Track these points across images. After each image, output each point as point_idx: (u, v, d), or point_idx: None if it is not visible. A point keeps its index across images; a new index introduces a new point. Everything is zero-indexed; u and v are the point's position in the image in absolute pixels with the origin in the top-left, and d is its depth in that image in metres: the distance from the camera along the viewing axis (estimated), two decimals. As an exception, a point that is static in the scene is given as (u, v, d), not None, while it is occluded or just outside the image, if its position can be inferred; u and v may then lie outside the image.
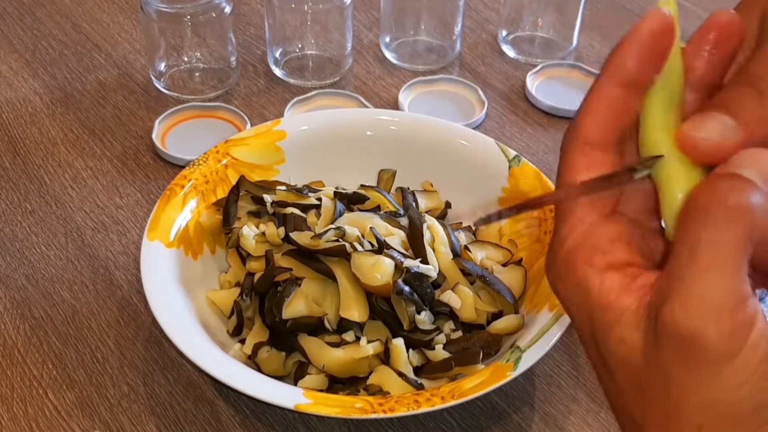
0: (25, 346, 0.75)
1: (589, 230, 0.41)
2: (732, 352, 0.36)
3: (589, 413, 0.72)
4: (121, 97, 1.01)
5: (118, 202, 0.88)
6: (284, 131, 0.83)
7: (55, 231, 0.85)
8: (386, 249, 0.70)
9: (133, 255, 0.83)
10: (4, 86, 1.02)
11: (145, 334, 0.76)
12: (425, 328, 0.69)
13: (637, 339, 0.38)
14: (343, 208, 0.74)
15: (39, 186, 0.90)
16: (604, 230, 0.41)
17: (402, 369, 0.68)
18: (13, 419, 0.70)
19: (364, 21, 1.14)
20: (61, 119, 0.98)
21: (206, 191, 0.78)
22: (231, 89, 1.03)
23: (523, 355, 0.65)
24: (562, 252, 0.41)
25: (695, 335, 0.36)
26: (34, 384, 0.73)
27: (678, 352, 0.37)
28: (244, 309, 0.72)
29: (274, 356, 0.70)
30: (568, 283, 0.41)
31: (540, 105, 1.01)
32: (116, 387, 0.72)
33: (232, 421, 0.71)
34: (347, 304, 0.69)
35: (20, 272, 0.81)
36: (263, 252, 0.73)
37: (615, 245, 0.40)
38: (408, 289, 0.68)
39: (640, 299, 0.39)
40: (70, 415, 0.70)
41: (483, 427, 0.71)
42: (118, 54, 1.08)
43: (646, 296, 0.39)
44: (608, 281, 0.40)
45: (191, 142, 0.94)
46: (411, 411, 0.61)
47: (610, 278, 0.40)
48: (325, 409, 0.62)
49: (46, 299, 0.79)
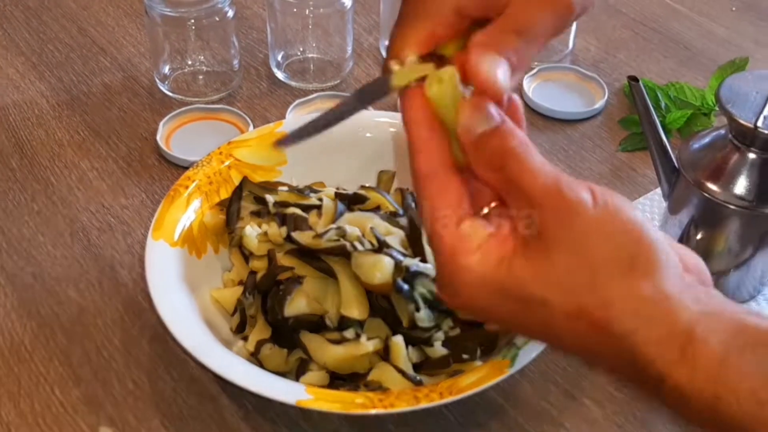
0: (32, 344, 0.76)
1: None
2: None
3: (583, 408, 0.72)
4: (126, 99, 1.02)
5: (123, 202, 0.89)
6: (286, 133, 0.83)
7: (61, 231, 0.86)
8: (386, 248, 0.70)
9: (138, 254, 0.83)
10: (11, 89, 1.03)
11: (150, 331, 0.77)
12: (424, 326, 0.69)
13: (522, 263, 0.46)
14: (343, 209, 0.74)
15: (45, 186, 0.90)
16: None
17: (401, 366, 0.68)
18: (20, 415, 0.70)
19: (364, 25, 1.14)
20: (68, 121, 0.98)
21: (210, 192, 0.78)
22: (234, 92, 1.03)
23: (519, 352, 0.65)
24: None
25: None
26: (41, 380, 0.73)
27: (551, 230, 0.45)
28: (247, 307, 0.72)
29: (277, 353, 0.70)
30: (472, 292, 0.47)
31: (536, 107, 1.02)
32: (121, 383, 0.73)
33: (235, 416, 0.71)
34: (348, 302, 0.69)
35: (27, 271, 0.82)
36: (266, 251, 0.73)
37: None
38: (407, 287, 0.69)
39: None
40: (77, 411, 0.71)
41: (480, 422, 0.71)
42: (123, 57, 1.08)
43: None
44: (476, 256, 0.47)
45: (195, 143, 0.94)
46: (410, 407, 0.62)
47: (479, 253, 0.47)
48: (326, 404, 0.62)
49: (52, 297, 0.79)
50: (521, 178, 0.47)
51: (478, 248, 0.47)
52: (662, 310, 0.45)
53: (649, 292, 0.45)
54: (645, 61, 1.11)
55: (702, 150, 0.77)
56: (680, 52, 1.13)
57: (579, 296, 0.45)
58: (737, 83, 0.74)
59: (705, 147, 0.77)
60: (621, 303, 0.45)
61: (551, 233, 0.46)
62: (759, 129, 0.71)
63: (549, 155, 0.96)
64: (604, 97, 1.02)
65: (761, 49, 1.13)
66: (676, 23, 1.18)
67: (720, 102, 0.73)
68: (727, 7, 1.22)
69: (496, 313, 0.48)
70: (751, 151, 0.73)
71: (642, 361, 0.44)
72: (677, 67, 1.10)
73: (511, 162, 0.47)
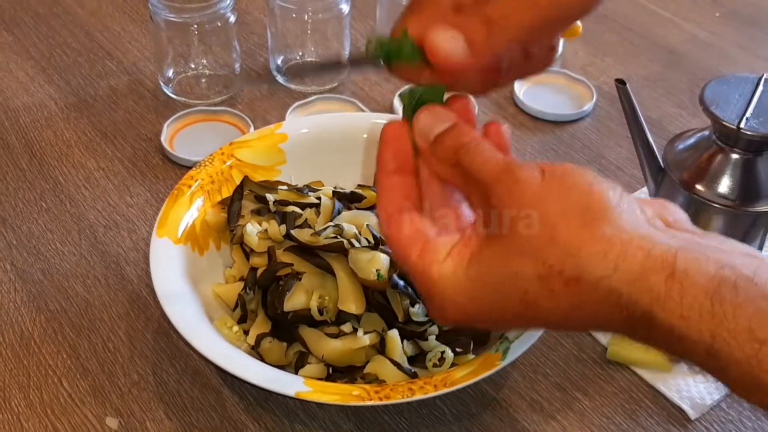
0: (41, 337, 0.75)
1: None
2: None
3: (573, 400, 0.72)
4: (131, 102, 1.01)
5: (128, 201, 0.88)
6: (285, 134, 0.83)
7: (69, 228, 0.85)
8: (382, 245, 0.70)
9: (143, 251, 0.83)
10: (21, 92, 1.02)
11: (154, 325, 0.76)
12: (419, 320, 0.69)
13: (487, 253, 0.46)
14: (341, 207, 0.74)
15: (54, 186, 0.90)
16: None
17: (397, 359, 0.68)
18: (29, 406, 0.70)
19: (361, 30, 1.14)
20: (75, 123, 0.98)
21: (212, 191, 0.78)
22: (235, 94, 1.03)
23: (511, 346, 0.65)
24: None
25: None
26: (49, 373, 0.72)
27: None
28: (247, 302, 0.71)
29: (276, 346, 0.70)
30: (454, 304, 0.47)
31: (527, 109, 1.01)
32: (127, 375, 0.72)
33: (236, 407, 0.71)
34: (345, 297, 0.68)
35: (36, 267, 0.81)
36: (266, 248, 0.73)
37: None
38: (402, 283, 0.68)
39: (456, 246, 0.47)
40: (84, 402, 0.70)
41: (473, 413, 0.71)
42: (129, 61, 1.08)
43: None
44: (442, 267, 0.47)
45: (198, 144, 0.94)
46: (405, 398, 0.61)
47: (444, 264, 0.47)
48: (324, 396, 0.62)
49: (60, 293, 0.79)
50: (474, 168, 0.47)
51: (447, 256, 0.47)
52: (633, 248, 0.42)
53: (612, 232, 0.43)
54: (632, 64, 1.10)
55: (687, 150, 0.76)
56: (665, 56, 1.12)
57: (544, 255, 0.43)
58: (720, 86, 0.74)
59: (690, 147, 0.76)
60: (586, 249, 0.43)
61: (506, 211, 0.45)
62: (742, 130, 0.70)
63: (539, 155, 0.96)
64: (592, 99, 1.02)
65: (743, 54, 1.13)
66: (661, 28, 1.18)
67: (704, 104, 0.72)
68: (711, 13, 1.21)
69: (482, 314, 0.47)
70: (735, 151, 0.73)
71: (626, 304, 0.42)
72: (662, 71, 1.09)
73: (465, 155, 0.48)
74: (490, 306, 0.46)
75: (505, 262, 0.45)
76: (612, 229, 0.43)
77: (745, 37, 1.16)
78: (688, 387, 0.72)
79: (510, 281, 0.45)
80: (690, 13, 1.21)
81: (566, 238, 0.43)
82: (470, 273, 0.46)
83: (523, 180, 0.45)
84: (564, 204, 0.44)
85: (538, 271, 0.44)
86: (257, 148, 0.81)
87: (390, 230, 0.50)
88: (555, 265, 0.43)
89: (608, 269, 0.42)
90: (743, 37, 1.16)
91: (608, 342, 0.74)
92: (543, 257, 0.43)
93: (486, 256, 0.46)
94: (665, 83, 1.07)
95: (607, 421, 0.70)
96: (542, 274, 0.43)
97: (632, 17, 1.20)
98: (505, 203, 0.45)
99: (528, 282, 0.44)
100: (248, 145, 0.81)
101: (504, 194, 0.46)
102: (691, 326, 0.41)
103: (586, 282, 0.43)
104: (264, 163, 0.81)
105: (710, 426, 0.70)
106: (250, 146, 0.81)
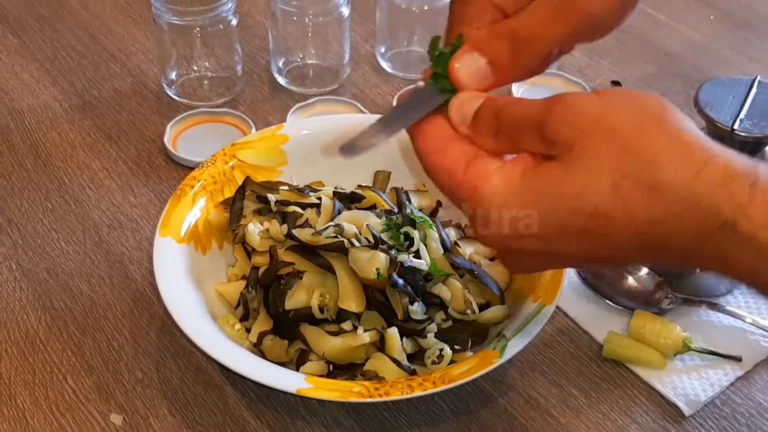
0: (47, 335, 0.76)
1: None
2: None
3: (570, 396, 0.72)
4: (135, 103, 1.02)
5: (132, 201, 0.89)
6: (287, 135, 0.83)
7: (73, 228, 0.86)
8: (381, 244, 0.70)
9: (147, 250, 0.83)
10: (26, 93, 1.03)
11: (158, 323, 0.77)
12: (418, 318, 0.70)
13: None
14: (341, 207, 0.74)
15: (59, 186, 0.90)
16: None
17: (396, 356, 0.68)
18: (35, 403, 0.70)
19: (361, 33, 1.14)
20: (80, 124, 0.98)
21: (214, 191, 0.78)
22: (237, 96, 1.03)
23: (508, 343, 0.65)
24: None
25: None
26: (54, 370, 0.73)
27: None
28: (249, 300, 0.72)
29: (278, 344, 0.70)
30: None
31: (525, 111, 1.01)
32: (131, 373, 0.73)
33: (238, 404, 0.71)
34: (345, 296, 0.69)
35: (42, 266, 0.82)
36: (267, 247, 0.73)
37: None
38: (402, 281, 0.69)
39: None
40: (88, 399, 0.71)
41: (471, 410, 0.71)
42: (133, 63, 1.08)
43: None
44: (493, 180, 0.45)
45: (200, 145, 0.94)
46: (405, 395, 0.62)
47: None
48: (325, 393, 0.62)
49: (65, 291, 0.80)
50: (520, 117, 0.45)
51: (497, 170, 0.45)
52: (713, 155, 0.40)
53: (691, 139, 0.41)
54: (627, 66, 1.11)
55: (681, 151, 0.76)
56: (661, 59, 1.13)
57: (619, 165, 0.41)
58: (715, 88, 0.74)
59: (684, 148, 0.76)
60: (666, 155, 0.40)
61: (566, 135, 0.43)
62: (736, 131, 0.71)
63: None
64: (588, 101, 1.02)
65: (737, 56, 1.14)
66: (656, 31, 1.18)
67: (698, 105, 0.73)
68: (706, 16, 1.22)
69: (541, 230, 0.44)
70: (728, 152, 0.73)
71: (706, 211, 0.39)
72: (658, 73, 1.10)
73: (506, 113, 0.46)
74: (550, 221, 0.44)
75: (568, 177, 0.43)
76: (690, 136, 0.41)
77: (739, 39, 1.17)
78: (682, 384, 0.73)
79: (576, 197, 0.42)
80: (685, 16, 1.21)
81: (643, 146, 0.41)
82: (525, 183, 0.44)
83: (578, 102, 0.44)
84: (632, 114, 0.42)
85: (612, 181, 0.41)
86: (259, 149, 0.82)
87: (433, 157, 0.47)
88: (631, 173, 0.41)
89: (689, 175, 0.40)
90: (737, 39, 1.17)
91: (604, 340, 0.75)
92: (617, 167, 0.41)
93: (544, 170, 0.44)
94: (660, 85, 1.07)
95: (603, 418, 0.71)
96: (617, 183, 0.41)
97: (628, 20, 1.20)
98: (561, 131, 0.43)
99: (599, 195, 0.42)
100: (250, 146, 0.82)
101: (557, 123, 0.44)
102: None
103: (667, 188, 0.40)
104: (265, 163, 0.82)
105: (704, 422, 0.71)
106: (251, 147, 0.82)
